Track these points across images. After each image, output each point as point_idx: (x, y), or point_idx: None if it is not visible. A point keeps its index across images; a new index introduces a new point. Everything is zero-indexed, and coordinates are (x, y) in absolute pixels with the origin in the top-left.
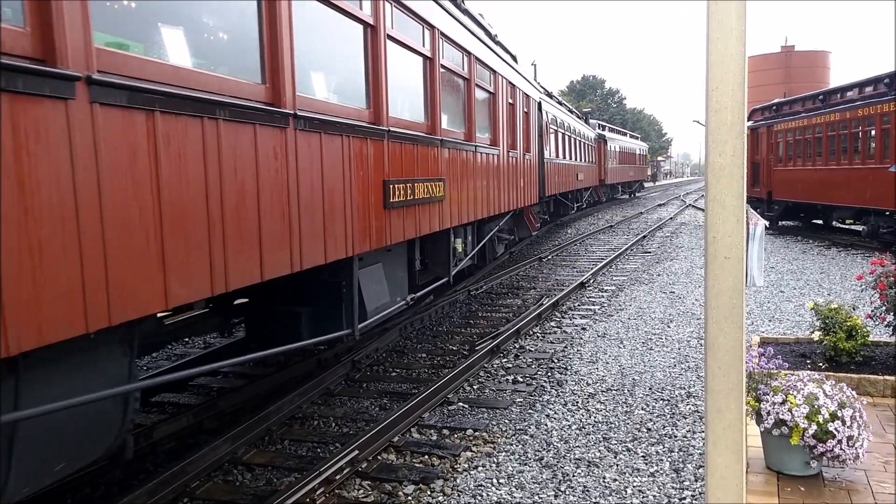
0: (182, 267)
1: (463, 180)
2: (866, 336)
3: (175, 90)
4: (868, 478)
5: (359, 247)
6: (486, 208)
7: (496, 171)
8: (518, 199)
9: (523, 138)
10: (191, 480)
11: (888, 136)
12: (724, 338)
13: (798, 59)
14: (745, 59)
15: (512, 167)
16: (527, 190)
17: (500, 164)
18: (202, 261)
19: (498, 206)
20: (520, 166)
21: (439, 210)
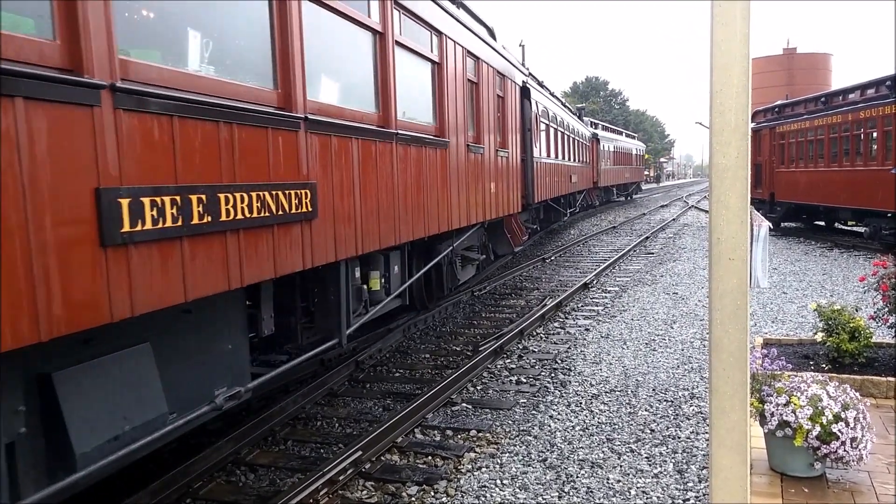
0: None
1: (371, 186)
2: (869, 337)
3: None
4: (871, 479)
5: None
6: (426, 224)
7: (445, 173)
8: (490, 208)
9: (497, 130)
10: (194, 481)
11: (890, 138)
12: (728, 339)
13: (800, 61)
14: (749, 62)
15: (477, 167)
16: (505, 196)
17: (453, 163)
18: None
19: (451, 219)
20: (491, 166)
21: (303, 234)
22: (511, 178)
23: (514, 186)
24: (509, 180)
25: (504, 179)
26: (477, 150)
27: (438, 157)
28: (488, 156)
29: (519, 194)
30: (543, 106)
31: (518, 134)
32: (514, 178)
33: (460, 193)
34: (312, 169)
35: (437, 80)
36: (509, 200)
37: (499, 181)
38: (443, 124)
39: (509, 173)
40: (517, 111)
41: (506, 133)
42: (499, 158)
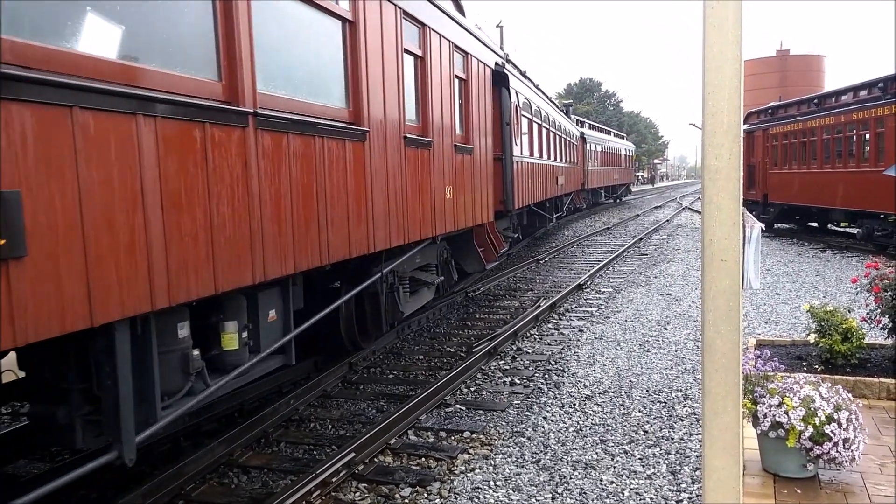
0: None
1: (197, 195)
2: (862, 338)
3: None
4: (864, 480)
5: None
6: (325, 248)
7: (363, 176)
8: (448, 219)
9: (459, 121)
10: (186, 483)
11: (882, 139)
12: (720, 340)
13: (793, 62)
14: (741, 63)
15: (424, 167)
16: (471, 202)
17: (377, 162)
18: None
19: (373, 238)
20: (447, 166)
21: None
22: (480, 180)
23: (486, 190)
24: (477, 183)
25: (468, 182)
26: (422, 145)
27: (350, 153)
28: (442, 153)
29: (492, 199)
30: (526, 98)
31: (489, 127)
32: (485, 180)
33: (394, 202)
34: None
35: (349, 43)
36: (478, 207)
37: (460, 185)
38: (359, 108)
39: (477, 175)
40: (487, 99)
41: (470, 125)
42: (459, 156)
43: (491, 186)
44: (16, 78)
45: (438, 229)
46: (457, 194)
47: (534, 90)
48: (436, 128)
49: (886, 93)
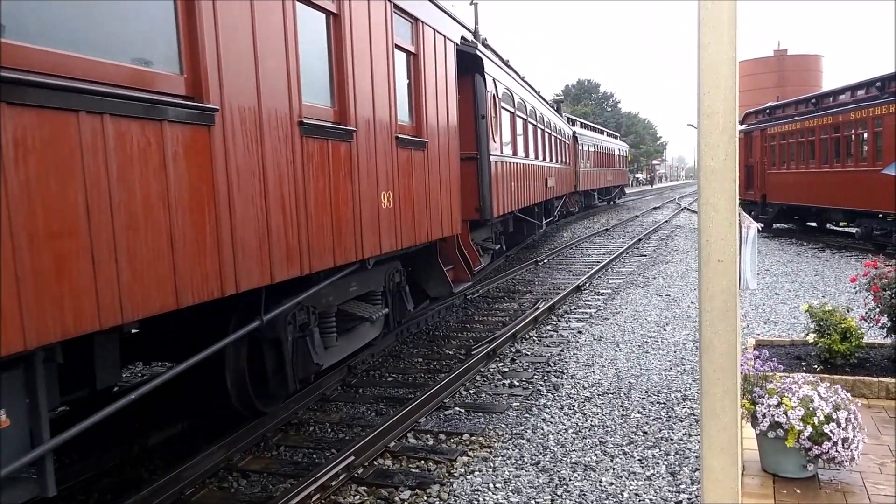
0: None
1: None
2: (861, 338)
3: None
4: (863, 479)
5: None
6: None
7: (210, 182)
8: (385, 236)
9: (407, 107)
10: (185, 487)
11: (881, 138)
12: (718, 340)
13: (791, 62)
14: (736, 64)
15: (337, 167)
16: (426, 211)
17: (240, 160)
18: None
19: (225, 275)
20: (381, 165)
21: None
22: (442, 183)
23: (451, 196)
24: (436, 187)
25: (422, 186)
26: (337, 136)
27: (184, 145)
28: (371, 148)
29: (459, 207)
30: (507, 88)
31: (453, 118)
32: (449, 183)
33: (279, 216)
34: None
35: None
36: (439, 217)
37: (407, 189)
38: (197, 75)
39: (436, 176)
40: (450, 83)
41: (423, 113)
42: (405, 153)
43: (458, 190)
44: None
45: (369, 249)
46: (401, 202)
47: (518, 81)
48: (362, 114)
49: (884, 92)
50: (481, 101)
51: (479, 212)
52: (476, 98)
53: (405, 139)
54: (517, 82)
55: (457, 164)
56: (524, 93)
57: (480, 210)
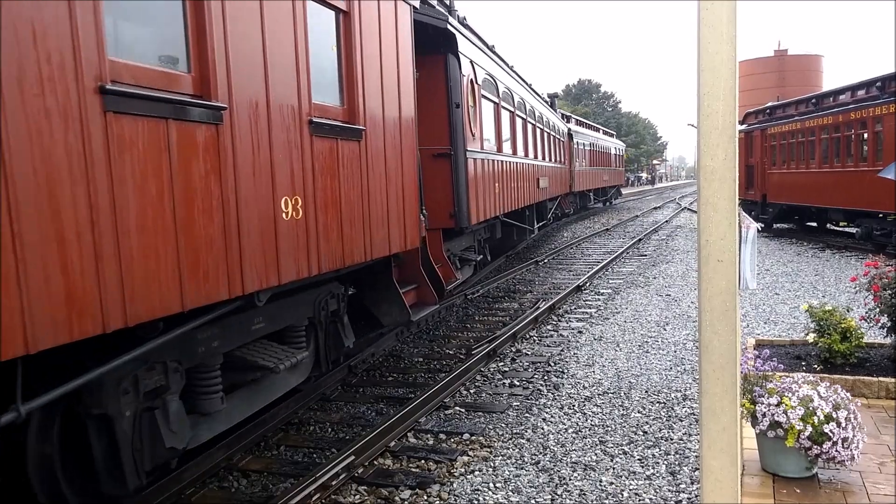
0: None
1: None
2: (861, 338)
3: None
4: (863, 479)
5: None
6: None
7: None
8: (288, 259)
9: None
10: (186, 487)
11: (881, 138)
12: (717, 340)
13: (791, 63)
14: (736, 64)
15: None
16: (372, 221)
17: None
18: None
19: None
20: (291, 159)
21: None
22: (390, 184)
23: (404, 201)
24: (381, 189)
25: (357, 188)
26: (195, 119)
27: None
28: (263, 133)
29: (417, 215)
30: (489, 74)
31: (409, 103)
32: (402, 185)
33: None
34: None
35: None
36: (386, 228)
37: (333, 193)
38: None
39: (381, 176)
40: (404, 57)
41: (359, 93)
42: (326, 144)
43: (416, 194)
44: None
45: (256, 280)
46: (320, 211)
47: (505, 69)
48: (243, 86)
49: (884, 92)
50: (455, 87)
51: (455, 218)
52: (449, 83)
53: (326, 125)
54: (503, 70)
55: (414, 161)
56: (512, 82)
57: (456, 216)
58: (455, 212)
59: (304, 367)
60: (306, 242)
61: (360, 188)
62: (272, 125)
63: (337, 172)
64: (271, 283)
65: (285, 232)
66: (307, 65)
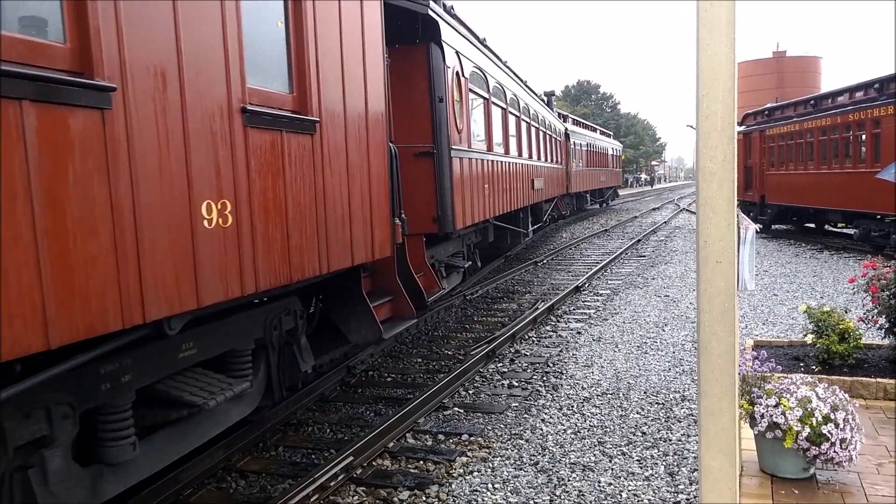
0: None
1: None
2: (859, 339)
3: None
4: (861, 480)
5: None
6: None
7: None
8: (214, 278)
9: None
10: (184, 488)
11: (879, 140)
12: (716, 341)
13: (790, 64)
14: (735, 65)
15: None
16: (328, 227)
17: None
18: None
19: None
20: (216, 156)
21: None
22: (353, 185)
23: (371, 205)
24: (335, 190)
25: (304, 191)
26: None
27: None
28: (175, 121)
29: (387, 219)
30: (477, 67)
31: (377, 92)
32: (367, 187)
33: None
34: None
35: None
36: (348, 236)
37: (276, 194)
38: None
39: (337, 176)
40: (371, 38)
41: (308, 78)
42: (267, 137)
43: (387, 196)
44: None
45: (164, 304)
46: (258, 217)
47: (497, 63)
48: (138, 59)
49: (882, 93)
50: (439, 79)
51: (438, 223)
52: (431, 75)
53: (267, 115)
54: (494, 64)
55: (383, 158)
56: (504, 77)
57: (439, 221)
58: (438, 216)
59: (250, 398)
60: (238, 255)
61: (314, 190)
62: (187, 112)
63: (282, 171)
64: (186, 307)
65: (207, 243)
66: (239, 40)
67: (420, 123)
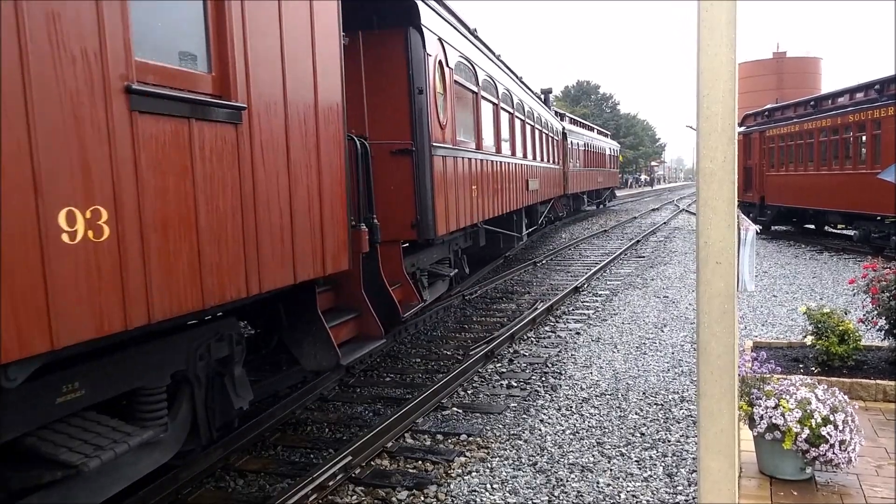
0: None
1: None
2: (858, 340)
3: None
4: (860, 482)
5: None
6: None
7: None
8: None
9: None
10: (182, 487)
11: (879, 141)
12: (716, 342)
13: (790, 65)
14: (735, 66)
15: None
16: (262, 241)
17: None
18: None
19: None
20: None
21: None
22: (298, 187)
23: (324, 209)
24: (271, 193)
25: (223, 193)
26: None
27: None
28: (18, 104)
29: (344, 225)
30: (465, 58)
31: (332, 77)
32: (318, 188)
33: None
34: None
35: None
36: (289, 248)
37: (173, 201)
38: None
39: (273, 175)
40: (318, 12)
41: (232, 52)
42: (161, 127)
43: (341, 198)
44: None
45: (3, 351)
46: (153, 227)
47: (487, 54)
48: None
49: (883, 95)
50: (418, 68)
51: (417, 228)
52: (410, 63)
53: (166, 97)
54: (485, 56)
55: (338, 154)
56: (496, 70)
57: (418, 226)
58: (418, 220)
59: (166, 444)
60: (119, 278)
61: (240, 192)
62: (30, 88)
63: (190, 169)
64: (33, 349)
65: (68, 264)
66: (125, 6)
67: (397, 117)
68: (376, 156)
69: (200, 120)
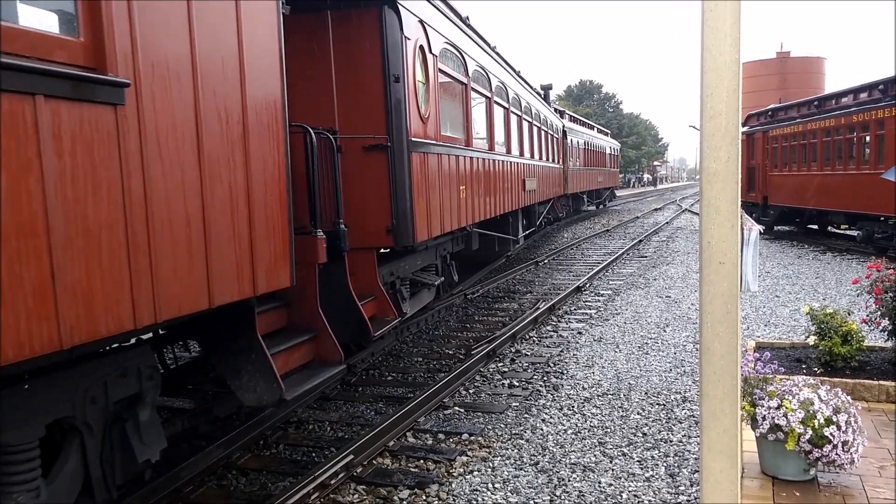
0: None
1: None
2: (861, 341)
3: None
4: (863, 483)
5: None
6: None
7: None
8: None
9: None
10: (184, 485)
11: (883, 141)
12: (718, 342)
13: (793, 65)
14: (739, 66)
15: None
16: (157, 252)
17: None
18: None
19: None
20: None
21: None
22: (207, 185)
23: (254, 214)
24: (173, 192)
25: (93, 194)
26: None
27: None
28: None
29: (286, 232)
30: (451, 44)
31: (267, 49)
32: (249, 188)
33: None
34: None
35: None
36: (202, 264)
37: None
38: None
39: (176, 169)
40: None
41: (104, 12)
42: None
43: (280, 200)
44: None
45: None
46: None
47: (479, 43)
48: None
49: (887, 95)
50: (395, 54)
51: (394, 234)
52: (385, 47)
53: (4, 66)
54: (477, 45)
55: (278, 149)
56: (489, 61)
57: (395, 231)
58: (394, 225)
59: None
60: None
61: (121, 195)
62: None
63: (37, 163)
64: None
65: None
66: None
67: (370, 109)
68: (347, 152)
69: (59, 98)
